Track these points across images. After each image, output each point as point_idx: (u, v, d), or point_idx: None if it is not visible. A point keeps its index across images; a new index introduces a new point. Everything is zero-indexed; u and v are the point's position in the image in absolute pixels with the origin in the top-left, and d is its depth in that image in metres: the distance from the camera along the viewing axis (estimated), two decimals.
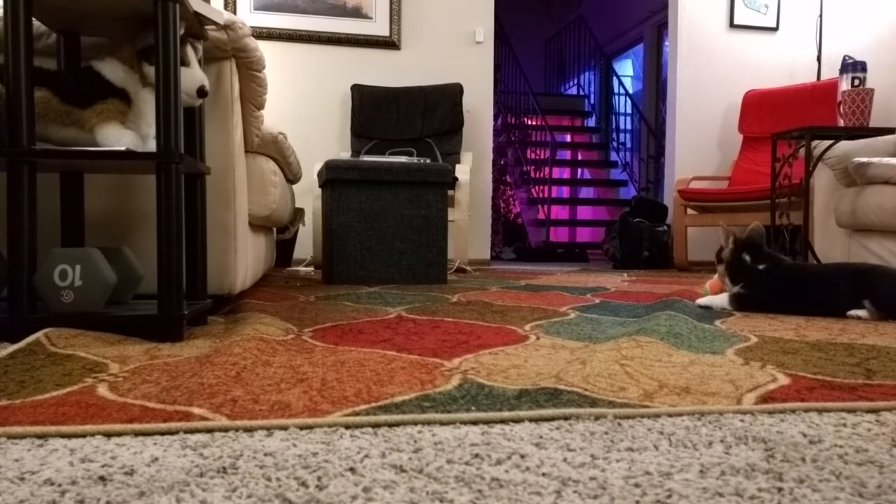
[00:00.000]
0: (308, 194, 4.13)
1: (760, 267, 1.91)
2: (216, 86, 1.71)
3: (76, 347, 1.18)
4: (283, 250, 3.65)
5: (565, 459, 0.64)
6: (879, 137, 3.16)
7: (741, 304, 1.92)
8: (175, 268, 1.32)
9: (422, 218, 2.83)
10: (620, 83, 8.47)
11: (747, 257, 1.93)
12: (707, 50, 4.77)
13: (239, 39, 1.68)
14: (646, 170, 7.89)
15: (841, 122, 3.14)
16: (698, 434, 0.73)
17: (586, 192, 8.93)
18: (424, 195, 2.83)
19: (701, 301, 1.99)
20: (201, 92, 1.43)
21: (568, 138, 9.15)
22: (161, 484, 0.57)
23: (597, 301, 2.16)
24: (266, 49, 4.26)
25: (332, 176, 2.75)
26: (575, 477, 0.59)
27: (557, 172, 8.10)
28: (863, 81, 3.11)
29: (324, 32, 4.33)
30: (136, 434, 0.71)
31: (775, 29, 4.84)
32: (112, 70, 1.40)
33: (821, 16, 4.69)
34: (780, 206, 3.09)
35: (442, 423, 0.76)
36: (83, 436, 0.70)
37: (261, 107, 1.91)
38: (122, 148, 1.33)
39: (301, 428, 0.73)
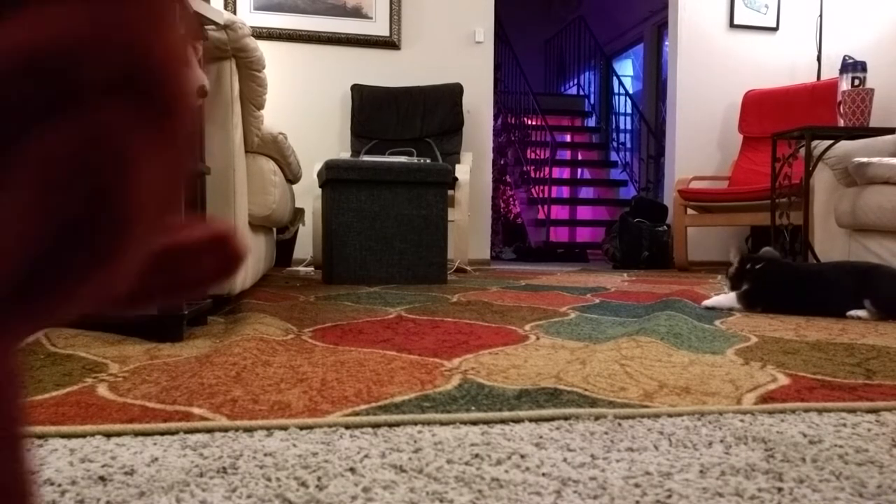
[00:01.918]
0: (308, 194, 4.13)
1: (758, 266, 1.98)
2: (216, 86, 1.71)
3: (76, 347, 1.18)
4: (283, 250, 3.65)
5: (565, 459, 0.64)
6: (879, 137, 3.16)
7: (747, 300, 1.96)
8: None
9: (422, 218, 2.83)
10: (620, 83, 8.46)
11: (748, 265, 2.01)
12: (707, 50, 4.77)
13: (239, 39, 1.68)
14: (646, 170, 7.89)
15: (841, 122, 3.14)
16: (698, 434, 0.73)
17: (586, 192, 8.93)
18: (424, 195, 2.83)
19: (708, 303, 2.00)
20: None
21: (568, 138, 9.15)
22: (161, 484, 0.57)
23: (597, 301, 2.16)
24: (266, 49, 4.26)
25: (332, 176, 2.75)
26: (575, 477, 0.59)
27: (557, 172, 8.10)
28: (863, 81, 3.11)
29: (324, 32, 4.33)
30: (136, 434, 0.71)
31: (775, 29, 4.84)
32: None
33: (821, 16, 4.69)
34: (780, 206, 3.09)
35: (442, 423, 0.76)
36: (83, 436, 0.70)
37: (261, 107, 1.91)
38: None
39: (301, 428, 0.73)
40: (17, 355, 0.23)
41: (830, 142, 3.10)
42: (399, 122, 4.24)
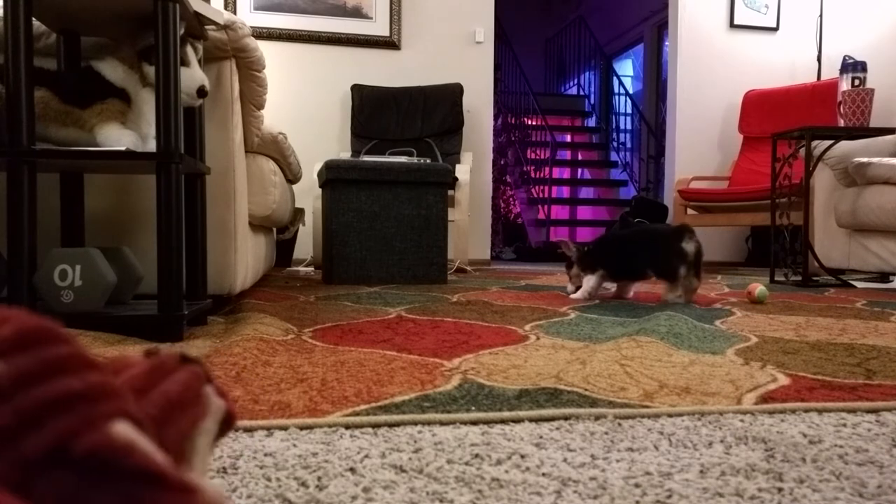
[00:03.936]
0: (308, 194, 4.13)
1: (591, 245, 2.29)
2: (216, 86, 1.71)
3: None
4: (283, 250, 3.65)
5: (565, 459, 0.64)
6: (879, 137, 3.16)
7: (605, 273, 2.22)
8: (175, 268, 1.32)
9: (422, 218, 2.83)
10: (620, 83, 8.46)
11: (585, 248, 2.30)
12: (707, 50, 4.77)
13: (239, 39, 1.68)
14: (646, 170, 7.89)
15: (841, 122, 3.14)
16: (698, 434, 0.73)
17: (586, 192, 8.93)
18: (424, 195, 2.83)
19: (575, 296, 2.24)
20: (201, 92, 1.43)
21: (568, 138, 9.15)
22: None
23: (596, 301, 2.16)
24: (266, 49, 4.26)
25: (332, 176, 2.75)
26: (575, 477, 0.59)
27: (557, 172, 8.10)
28: (863, 81, 3.11)
29: (324, 32, 4.33)
30: None
31: (775, 29, 4.84)
32: (112, 70, 1.40)
33: (821, 16, 4.69)
34: (780, 206, 3.09)
35: (442, 423, 0.76)
36: None
37: (261, 107, 1.91)
38: (122, 148, 1.33)
39: (301, 428, 0.73)
40: None
41: (830, 142, 3.10)
42: (399, 122, 4.24)
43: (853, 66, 3.14)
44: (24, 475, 0.22)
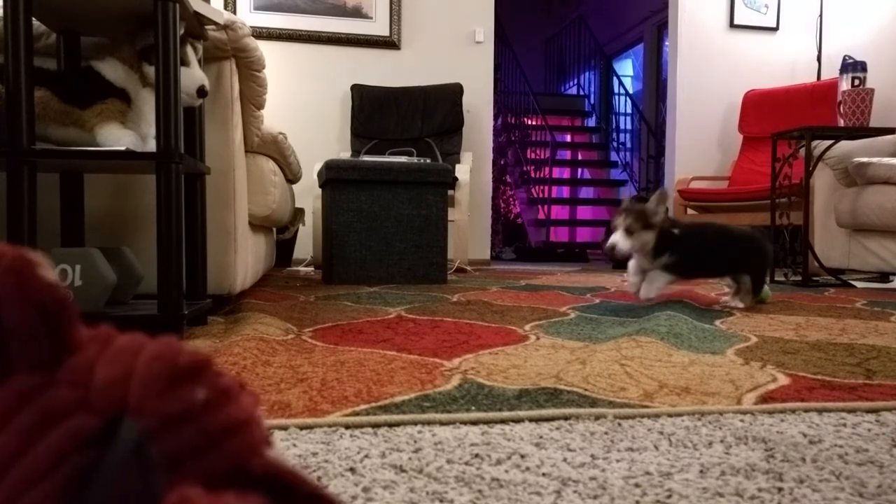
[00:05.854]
0: (308, 194, 4.13)
1: (676, 231, 1.92)
2: (216, 86, 1.71)
3: None
4: (283, 250, 3.65)
5: (565, 459, 0.64)
6: (879, 137, 3.16)
7: (675, 269, 1.94)
8: (175, 268, 1.32)
9: (422, 218, 2.83)
10: (620, 83, 8.46)
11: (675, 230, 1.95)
12: (707, 50, 4.77)
13: (239, 39, 1.68)
14: (646, 170, 7.89)
15: (841, 122, 3.14)
16: (698, 434, 0.73)
17: (586, 192, 8.92)
18: (424, 195, 2.83)
19: (644, 294, 1.99)
20: (201, 92, 1.43)
21: (568, 138, 9.15)
22: None
23: (597, 301, 2.16)
24: (266, 49, 4.26)
25: (332, 176, 2.75)
26: (575, 477, 0.59)
27: (557, 172, 8.10)
28: (863, 81, 3.11)
29: (324, 32, 4.33)
30: None
31: (775, 29, 4.84)
32: (112, 70, 1.40)
33: (821, 16, 4.69)
34: (780, 206, 3.09)
35: (442, 423, 0.76)
36: None
37: (261, 107, 1.91)
38: (122, 148, 1.33)
39: (301, 428, 0.73)
40: None
41: (830, 142, 3.10)
42: (399, 122, 4.24)
43: (853, 66, 3.14)
44: (209, 488, 0.26)
